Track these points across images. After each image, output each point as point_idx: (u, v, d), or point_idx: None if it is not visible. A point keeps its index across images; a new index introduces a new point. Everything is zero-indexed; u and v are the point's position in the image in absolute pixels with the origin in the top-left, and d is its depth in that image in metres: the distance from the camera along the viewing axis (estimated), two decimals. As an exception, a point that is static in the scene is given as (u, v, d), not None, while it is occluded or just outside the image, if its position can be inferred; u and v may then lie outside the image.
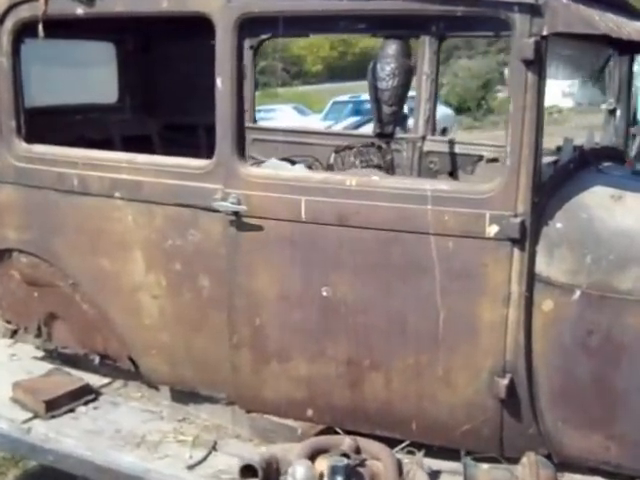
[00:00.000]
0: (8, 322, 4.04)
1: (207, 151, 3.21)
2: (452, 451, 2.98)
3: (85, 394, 3.69)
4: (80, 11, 3.20)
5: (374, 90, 4.58)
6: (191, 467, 3.08)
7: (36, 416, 3.53)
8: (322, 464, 2.78)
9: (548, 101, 3.60)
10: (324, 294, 2.91)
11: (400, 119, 4.72)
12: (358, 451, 2.92)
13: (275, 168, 3.35)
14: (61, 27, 3.34)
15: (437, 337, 2.79)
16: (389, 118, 4.55)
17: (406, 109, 5.20)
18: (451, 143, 4.58)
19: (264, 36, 5.04)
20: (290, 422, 3.20)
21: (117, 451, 3.22)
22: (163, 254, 3.22)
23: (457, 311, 2.74)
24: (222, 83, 2.92)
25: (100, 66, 4.98)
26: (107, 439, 3.32)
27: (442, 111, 21.46)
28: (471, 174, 4.45)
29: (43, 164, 3.47)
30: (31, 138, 3.55)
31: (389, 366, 2.91)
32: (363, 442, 2.97)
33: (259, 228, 2.95)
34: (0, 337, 4.37)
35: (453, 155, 4.51)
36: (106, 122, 4.74)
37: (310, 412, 3.13)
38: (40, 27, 3.30)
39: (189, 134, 4.92)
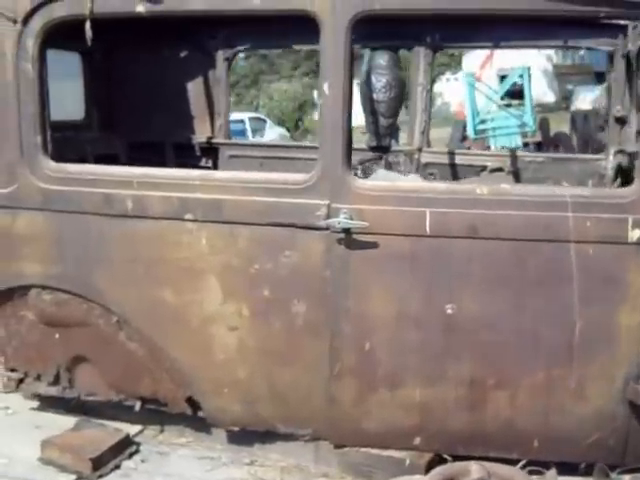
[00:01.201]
0: (13, 370, 3.48)
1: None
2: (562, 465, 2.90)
3: (127, 446, 3.26)
4: (141, 9, 2.81)
5: (369, 102, 4.46)
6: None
7: (80, 477, 3.06)
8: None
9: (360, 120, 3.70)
10: (448, 312, 2.73)
11: (394, 131, 4.61)
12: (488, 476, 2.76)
13: (386, 179, 3.12)
14: None
15: (572, 348, 2.70)
16: (386, 130, 4.43)
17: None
18: (451, 154, 4.54)
19: (240, 47, 4.75)
20: (394, 453, 2.97)
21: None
22: (247, 280, 2.89)
23: (595, 320, 2.67)
24: (330, 88, 2.68)
25: (67, 79, 4.47)
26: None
27: (278, 131, 21.73)
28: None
29: (81, 185, 3.02)
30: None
31: (516, 383, 2.78)
32: (489, 466, 2.81)
33: (373, 245, 2.72)
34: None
35: (454, 166, 4.47)
36: (79, 140, 4.25)
37: (417, 440, 2.92)
38: (88, 26, 2.87)
39: (155, 152, 4.53)
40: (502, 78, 14.83)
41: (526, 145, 12.62)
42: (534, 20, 3.76)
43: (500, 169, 4.31)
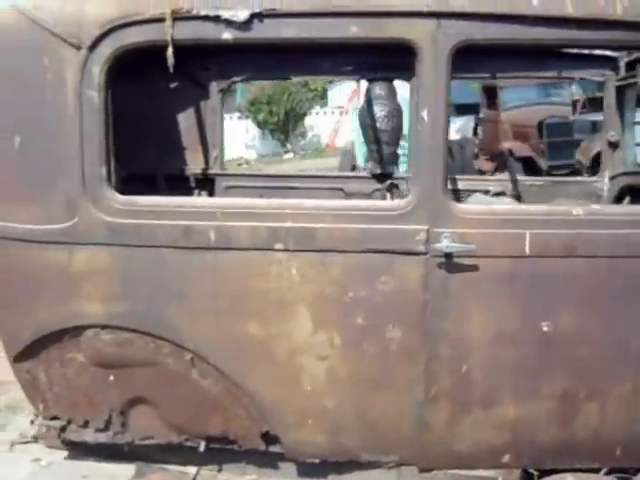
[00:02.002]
0: (54, 418, 3.23)
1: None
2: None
3: (197, 491, 3.11)
4: (228, 36, 2.73)
5: (373, 131, 4.54)
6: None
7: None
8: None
9: (234, 153, 3.90)
10: (544, 329, 2.82)
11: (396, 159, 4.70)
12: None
13: (482, 203, 3.16)
14: None
15: None
16: (390, 158, 4.54)
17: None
18: (453, 180, 4.66)
19: (236, 78, 4.68)
20: (483, 472, 3.02)
21: None
22: (340, 308, 2.85)
23: None
24: (429, 116, 2.71)
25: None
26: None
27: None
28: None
29: (155, 218, 2.87)
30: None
31: (605, 394, 2.91)
32: (584, 477, 2.92)
33: (474, 268, 2.77)
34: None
35: (456, 191, 4.59)
36: None
37: (507, 457, 2.98)
38: (170, 53, 2.76)
39: (147, 184, 4.38)
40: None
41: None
42: (531, 52, 3.98)
43: (503, 193, 4.48)
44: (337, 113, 22.79)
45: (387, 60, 3.88)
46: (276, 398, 2.98)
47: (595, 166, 7.55)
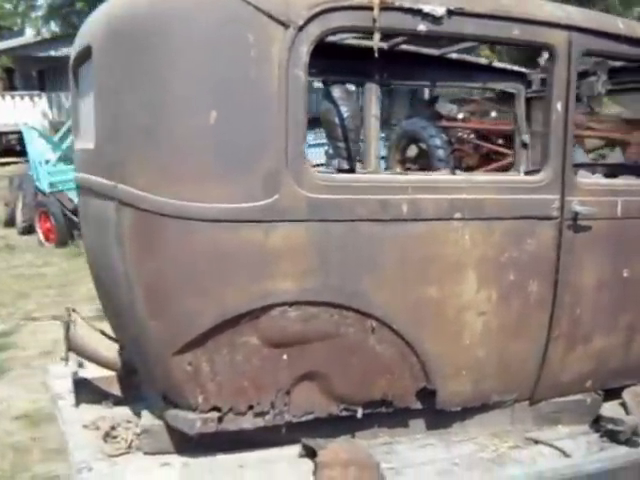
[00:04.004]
0: (215, 409, 3.10)
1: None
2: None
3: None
4: (422, 27, 3.06)
5: (341, 130, 5.00)
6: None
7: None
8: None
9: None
10: (624, 275, 3.65)
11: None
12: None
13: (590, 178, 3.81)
14: None
15: None
16: (355, 154, 5.04)
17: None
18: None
19: None
20: (577, 397, 3.72)
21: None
22: (497, 268, 3.33)
23: None
24: (562, 107, 3.37)
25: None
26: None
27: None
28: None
29: (352, 193, 3.05)
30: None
31: None
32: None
33: (589, 229, 3.48)
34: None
35: None
36: None
37: (589, 382, 3.74)
38: (377, 38, 2.99)
39: None
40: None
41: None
42: (463, 65, 4.86)
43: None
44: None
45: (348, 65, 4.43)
46: (441, 353, 3.32)
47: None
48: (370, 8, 2.96)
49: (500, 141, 12.54)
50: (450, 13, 3.08)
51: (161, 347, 3.04)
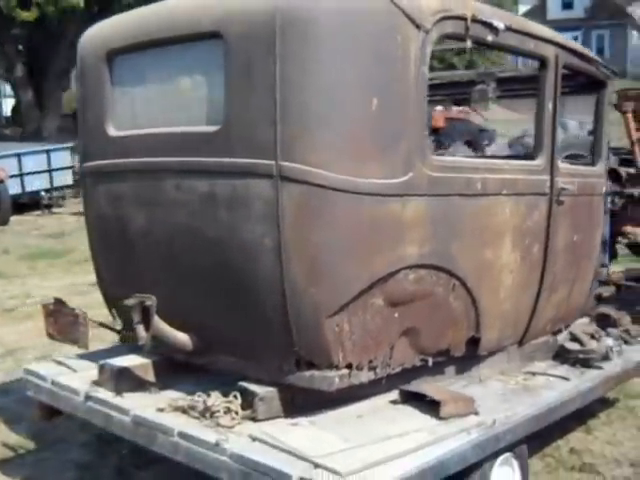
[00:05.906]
0: (348, 366, 3.45)
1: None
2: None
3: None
4: (490, 38, 3.78)
5: None
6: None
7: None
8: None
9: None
10: (574, 239, 4.71)
11: None
12: None
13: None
14: None
15: None
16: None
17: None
18: None
19: None
20: (544, 338, 4.69)
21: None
22: (521, 235, 4.15)
23: None
24: (552, 107, 4.31)
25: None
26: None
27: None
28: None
29: (454, 172, 3.65)
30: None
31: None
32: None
33: (563, 202, 4.45)
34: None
35: None
36: None
37: (550, 326, 4.75)
38: (469, 44, 3.64)
39: None
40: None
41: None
42: None
43: None
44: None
45: None
46: (488, 306, 4.03)
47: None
48: (465, 19, 3.60)
49: None
50: (507, 29, 3.83)
51: (317, 312, 3.31)
